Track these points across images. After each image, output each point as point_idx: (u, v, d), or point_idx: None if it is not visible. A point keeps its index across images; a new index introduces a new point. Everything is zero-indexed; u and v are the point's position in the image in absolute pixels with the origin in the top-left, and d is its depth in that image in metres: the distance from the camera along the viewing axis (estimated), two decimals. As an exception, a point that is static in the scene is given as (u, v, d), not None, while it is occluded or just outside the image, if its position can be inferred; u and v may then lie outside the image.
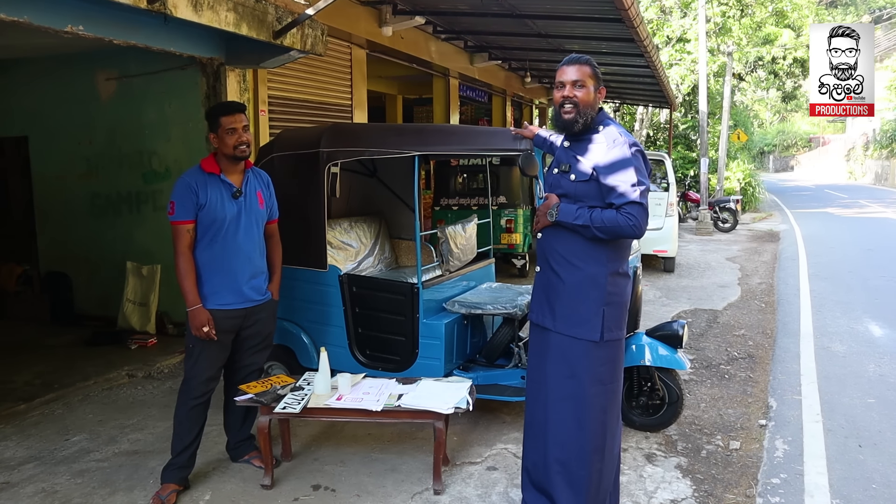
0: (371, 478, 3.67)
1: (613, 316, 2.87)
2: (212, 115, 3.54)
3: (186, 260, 3.41)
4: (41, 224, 7.52)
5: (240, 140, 3.46)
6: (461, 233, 4.73)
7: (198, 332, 3.38)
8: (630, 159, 2.79)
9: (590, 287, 2.85)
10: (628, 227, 2.73)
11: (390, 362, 4.33)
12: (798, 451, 4.05)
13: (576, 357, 2.87)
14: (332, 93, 8.21)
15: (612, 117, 2.94)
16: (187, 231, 3.41)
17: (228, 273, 3.48)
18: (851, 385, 5.22)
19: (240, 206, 3.51)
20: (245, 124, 3.51)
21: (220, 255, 3.46)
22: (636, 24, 7.19)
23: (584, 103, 2.88)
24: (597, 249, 2.84)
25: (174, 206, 3.40)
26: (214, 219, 3.43)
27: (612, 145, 2.83)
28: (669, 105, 18.25)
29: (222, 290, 3.47)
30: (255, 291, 3.60)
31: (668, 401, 4.21)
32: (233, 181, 3.53)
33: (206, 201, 3.41)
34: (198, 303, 3.39)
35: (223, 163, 3.51)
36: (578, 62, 2.92)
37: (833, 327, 6.97)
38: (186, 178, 3.45)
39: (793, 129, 56.84)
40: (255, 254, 3.60)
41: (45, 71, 7.04)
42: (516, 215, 9.27)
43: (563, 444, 2.91)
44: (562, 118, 2.94)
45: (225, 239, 3.46)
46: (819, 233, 15.45)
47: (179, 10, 4.50)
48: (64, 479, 3.72)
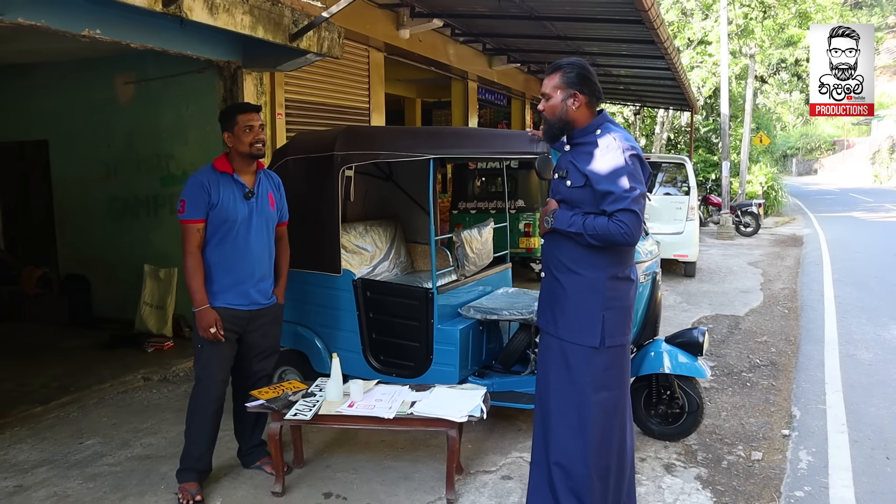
0: (383, 486, 3.62)
1: (614, 321, 2.81)
2: (228, 114, 3.52)
3: (195, 259, 3.39)
4: (60, 227, 7.58)
5: (256, 138, 3.45)
6: (477, 237, 4.66)
7: (205, 332, 3.36)
8: (623, 166, 2.70)
9: (589, 292, 2.80)
10: (620, 235, 2.67)
11: (404, 368, 4.27)
12: (823, 463, 3.94)
13: (577, 363, 2.83)
14: (350, 96, 8.19)
15: (615, 121, 2.86)
16: (197, 230, 3.39)
17: (237, 274, 3.46)
18: (878, 394, 5.08)
19: (251, 207, 3.49)
20: (262, 123, 3.50)
21: (230, 256, 3.44)
22: (656, 25, 7.12)
23: (549, 113, 2.88)
24: (594, 255, 2.79)
25: (185, 204, 3.37)
26: (226, 218, 3.41)
27: (606, 151, 2.75)
28: (690, 108, 18.08)
29: (229, 290, 3.45)
30: (262, 295, 3.58)
31: (688, 409, 4.12)
32: (245, 182, 3.51)
33: (218, 200, 3.39)
34: (205, 303, 3.38)
35: (236, 162, 3.50)
36: (549, 72, 2.88)
37: (858, 334, 6.81)
38: (199, 176, 3.43)
39: (816, 132, 56.13)
40: (264, 256, 3.58)
41: (65, 75, 7.10)
42: (535, 219, 9.18)
43: (563, 449, 2.86)
44: (544, 131, 3.01)
45: (235, 240, 3.44)
46: (844, 237, 15.19)
47: (195, 13, 4.49)
48: (76, 484, 3.71)
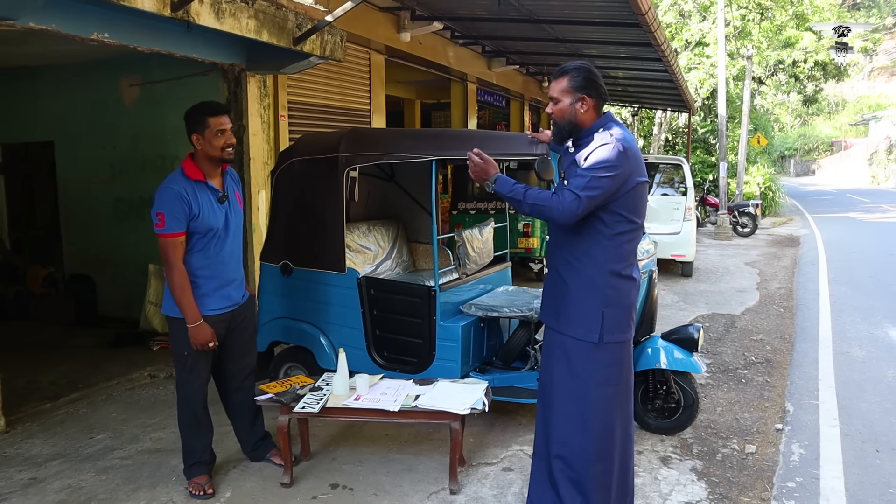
0: (388, 477, 3.73)
1: (614, 318, 2.87)
2: (196, 115, 3.35)
3: (181, 274, 3.29)
4: (66, 227, 7.66)
5: (228, 142, 3.36)
6: (478, 236, 4.77)
7: (202, 346, 3.35)
8: (604, 158, 2.73)
9: (589, 289, 2.87)
10: (553, 211, 2.74)
11: (407, 364, 4.38)
12: (814, 456, 4.05)
13: (578, 357, 2.90)
14: (351, 98, 8.28)
15: (618, 121, 2.93)
16: (180, 243, 3.29)
17: (220, 278, 3.45)
18: (870, 390, 5.19)
19: (226, 209, 3.45)
20: (231, 126, 3.42)
21: (214, 262, 3.41)
22: (654, 28, 7.20)
23: (558, 116, 2.94)
24: (595, 252, 2.85)
25: (164, 217, 3.23)
26: (209, 227, 3.36)
27: (598, 142, 2.80)
28: (688, 109, 18.17)
29: (213, 296, 3.43)
30: (239, 293, 3.60)
31: (684, 404, 4.22)
32: (215, 185, 3.44)
33: (199, 211, 3.31)
34: (199, 318, 3.33)
35: (205, 166, 3.39)
36: (556, 76, 2.94)
37: (852, 332, 6.93)
38: (174, 186, 3.28)
39: (814, 133, 56.23)
40: (240, 256, 3.59)
41: (71, 77, 7.18)
42: (533, 220, 9.30)
43: (564, 442, 2.94)
44: (553, 132, 3.12)
45: (216, 245, 3.41)
46: (840, 238, 15.30)
47: (202, 17, 4.59)
48: (89, 476, 3.81)
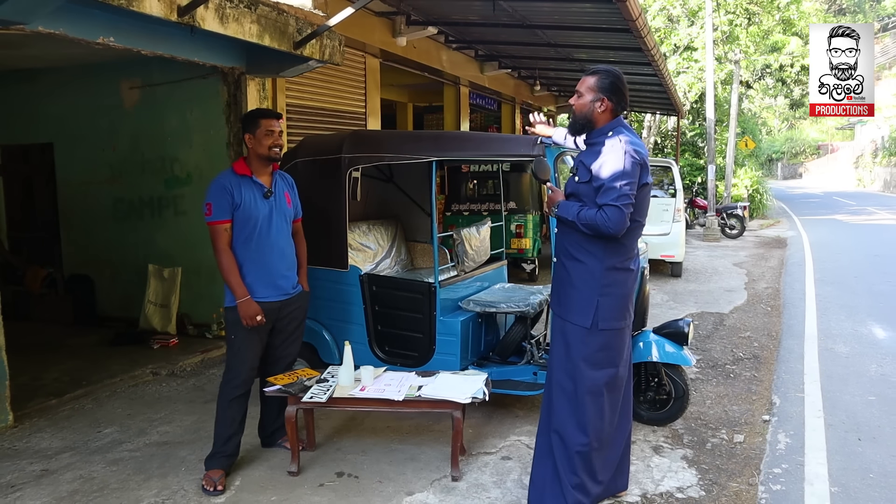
0: (392, 466, 3.86)
1: (609, 306, 3.12)
2: (251, 117, 3.76)
3: (228, 257, 3.62)
4: (65, 228, 7.73)
5: (275, 142, 3.70)
6: (476, 235, 4.92)
7: (250, 321, 3.58)
8: (620, 166, 3.00)
9: (587, 278, 3.13)
10: (603, 227, 2.99)
11: (408, 358, 4.52)
12: (800, 444, 4.22)
13: (573, 340, 3.16)
14: (347, 101, 8.41)
15: (628, 126, 3.17)
16: (225, 230, 3.62)
17: (265, 267, 3.71)
18: (853, 383, 5.37)
19: (271, 205, 3.74)
20: (281, 130, 3.76)
21: (257, 252, 3.68)
22: (643, 34, 7.38)
23: (577, 109, 3.22)
24: (593, 245, 3.11)
25: (211, 207, 3.61)
26: (249, 217, 3.64)
27: (610, 150, 3.05)
28: (677, 113, 18.40)
29: (260, 284, 3.68)
30: (289, 284, 3.83)
31: (675, 396, 4.38)
32: (263, 182, 3.75)
33: (241, 201, 3.63)
34: (246, 294, 3.59)
35: (254, 164, 3.74)
36: (587, 73, 3.21)
37: (837, 329, 7.12)
38: (221, 179, 3.67)
39: (801, 137, 56.88)
40: (287, 249, 3.83)
41: (71, 80, 7.26)
42: (525, 221, 9.45)
43: (561, 419, 3.20)
44: (570, 123, 3.39)
45: (260, 236, 3.68)
46: (826, 239, 15.56)
47: (207, 22, 4.72)
48: (100, 467, 3.92)
